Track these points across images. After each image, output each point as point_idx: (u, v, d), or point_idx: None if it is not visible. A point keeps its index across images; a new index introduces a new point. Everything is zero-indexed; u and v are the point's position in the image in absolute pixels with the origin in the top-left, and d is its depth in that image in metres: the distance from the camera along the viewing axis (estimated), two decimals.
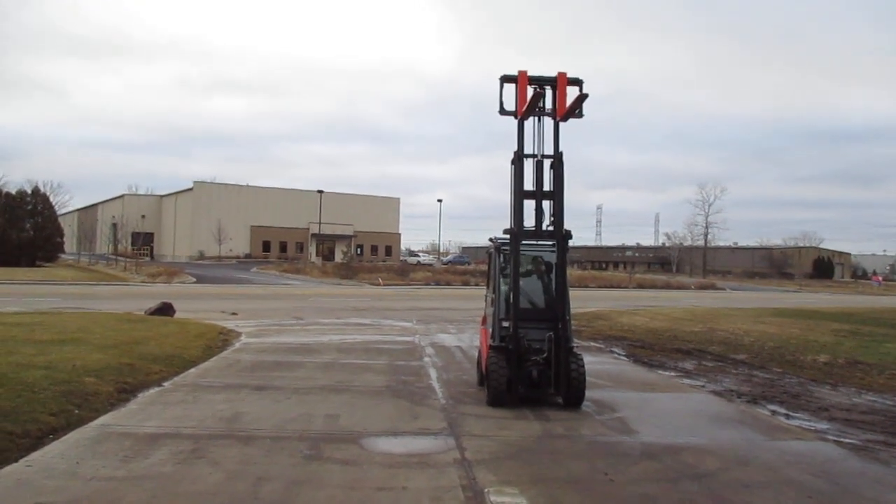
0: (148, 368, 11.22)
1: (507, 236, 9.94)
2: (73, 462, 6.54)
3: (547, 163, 9.99)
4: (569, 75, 9.92)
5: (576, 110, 9.78)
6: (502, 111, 10.05)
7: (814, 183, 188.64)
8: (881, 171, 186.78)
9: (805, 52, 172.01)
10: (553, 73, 9.97)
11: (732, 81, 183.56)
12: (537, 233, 9.98)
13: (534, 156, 9.99)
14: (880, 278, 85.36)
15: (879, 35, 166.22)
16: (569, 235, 9.95)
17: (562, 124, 9.95)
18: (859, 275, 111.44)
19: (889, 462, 7.47)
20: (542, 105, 9.96)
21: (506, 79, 10.00)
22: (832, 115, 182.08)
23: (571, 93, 9.83)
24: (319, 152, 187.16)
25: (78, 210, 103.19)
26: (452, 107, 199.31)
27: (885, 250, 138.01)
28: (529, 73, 9.94)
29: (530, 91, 9.83)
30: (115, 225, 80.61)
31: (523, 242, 10.01)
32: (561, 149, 9.87)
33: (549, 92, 10.03)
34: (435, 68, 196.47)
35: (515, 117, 9.90)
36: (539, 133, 10.07)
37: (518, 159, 9.84)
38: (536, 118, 10.09)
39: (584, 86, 9.82)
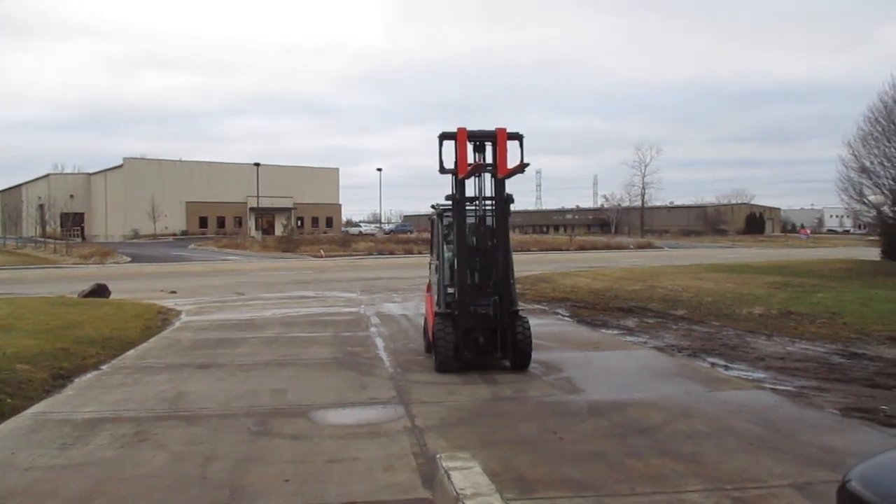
0: (84, 352, 10.85)
1: (449, 202, 9.90)
2: (8, 452, 6.28)
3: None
4: (508, 130, 9.78)
5: (517, 174, 9.78)
6: (442, 170, 9.86)
7: (739, 143, 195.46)
8: (799, 129, 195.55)
9: (722, 20, 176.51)
10: (492, 128, 9.81)
11: (656, 49, 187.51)
12: (479, 198, 9.97)
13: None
14: (808, 231, 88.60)
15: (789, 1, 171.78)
16: (510, 199, 9.96)
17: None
18: (789, 229, 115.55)
19: (823, 406, 7.78)
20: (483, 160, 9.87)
21: (445, 136, 9.80)
22: (749, 79, 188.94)
23: (512, 147, 9.75)
24: (255, 126, 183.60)
25: (0, 191, 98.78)
26: (387, 79, 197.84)
27: (812, 204, 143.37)
28: (469, 129, 9.74)
29: (470, 147, 9.72)
30: (41, 206, 77.53)
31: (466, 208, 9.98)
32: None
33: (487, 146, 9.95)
34: (368, 42, 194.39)
35: (456, 176, 9.71)
36: (480, 188, 10.01)
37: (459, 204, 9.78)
38: (477, 175, 9.97)
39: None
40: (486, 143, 9.88)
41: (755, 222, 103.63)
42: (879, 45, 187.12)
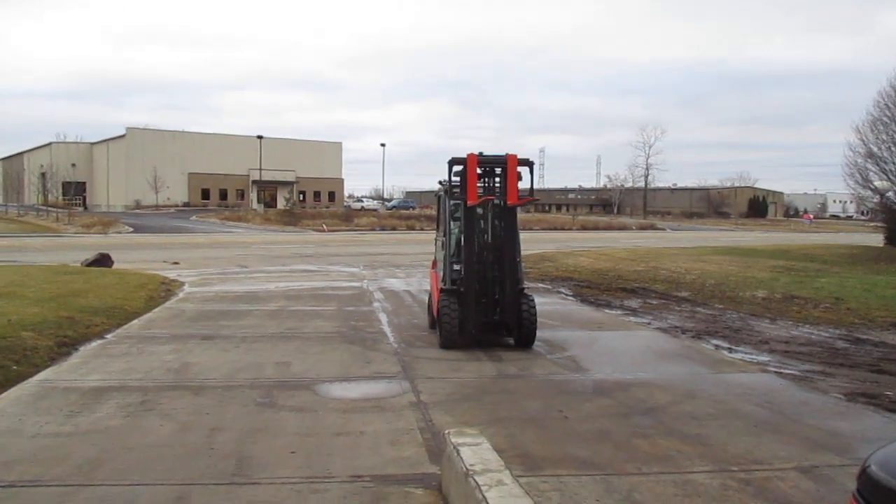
0: (88, 321, 10.86)
1: (457, 179, 9.84)
2: (15, 419, 6.30)
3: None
4: (519, 156, 9.67)
5: (526, 204, 9.74)
6: (451, 195, 9.85)
7: (743, 126, 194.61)
8: (802, 114, 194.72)
9: (727, 1, 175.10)
10: (502, 153, 9.72)
11: (661, 30, 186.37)
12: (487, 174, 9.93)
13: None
14: (811, 216, 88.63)
15: None
16: (518, 178, 9.87)
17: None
18: (791, 213, 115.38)
19: (827, 391, 7.78)
20: (492, 184, 9.87)
21: (454, 161, 9.71)
22: (753, 62, 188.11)
23: (522, 172, 9.67)
24: (257, 100, 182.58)
25: (1, 159, 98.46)
26: (389, 55, 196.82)
27: (815, 189, 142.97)
28: (479, 155, 9.61)
29: (479, 175, 9.67)
30: (43, 174, 77.33)
31: None
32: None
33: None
34: (370, 18, 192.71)
35: (465, 203, 9.63)
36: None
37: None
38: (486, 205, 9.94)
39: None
40: (496, 167, 9.85)
41: (758, 206, 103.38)
42: (883, 30, 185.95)
